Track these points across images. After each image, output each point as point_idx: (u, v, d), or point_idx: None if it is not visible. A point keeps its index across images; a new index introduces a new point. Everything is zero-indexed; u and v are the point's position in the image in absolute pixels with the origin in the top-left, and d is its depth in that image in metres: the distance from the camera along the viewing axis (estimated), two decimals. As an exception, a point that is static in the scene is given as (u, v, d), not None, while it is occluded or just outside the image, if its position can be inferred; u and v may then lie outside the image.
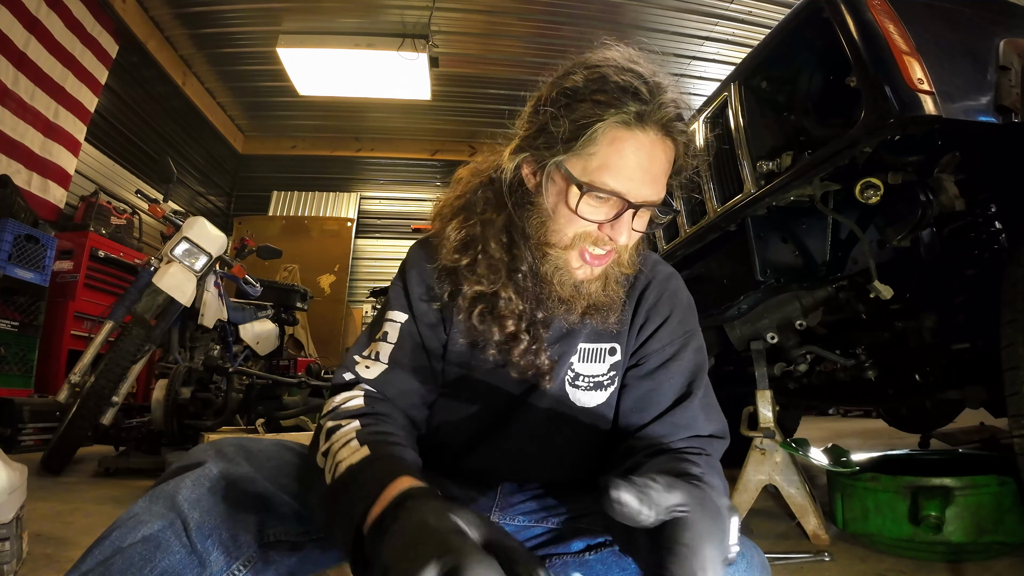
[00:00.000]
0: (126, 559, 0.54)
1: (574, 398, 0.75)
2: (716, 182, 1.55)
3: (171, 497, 0.58)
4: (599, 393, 0.76)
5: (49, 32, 3.76)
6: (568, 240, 0.67)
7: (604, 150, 0.64)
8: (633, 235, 0.67)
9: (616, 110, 0.62)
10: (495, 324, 0.70)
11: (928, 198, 1.15)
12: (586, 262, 0.68)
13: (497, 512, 0.75)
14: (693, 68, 5.48)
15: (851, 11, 1.11)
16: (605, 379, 0.76)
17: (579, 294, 0.69)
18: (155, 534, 0.56)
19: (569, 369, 0.75)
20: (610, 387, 0.76)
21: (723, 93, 1.56)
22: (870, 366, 1.59)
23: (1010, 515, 1.13)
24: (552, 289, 0.69)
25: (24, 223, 3.08)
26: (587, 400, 0.75)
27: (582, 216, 0.65)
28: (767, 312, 1.66)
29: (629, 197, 0.64)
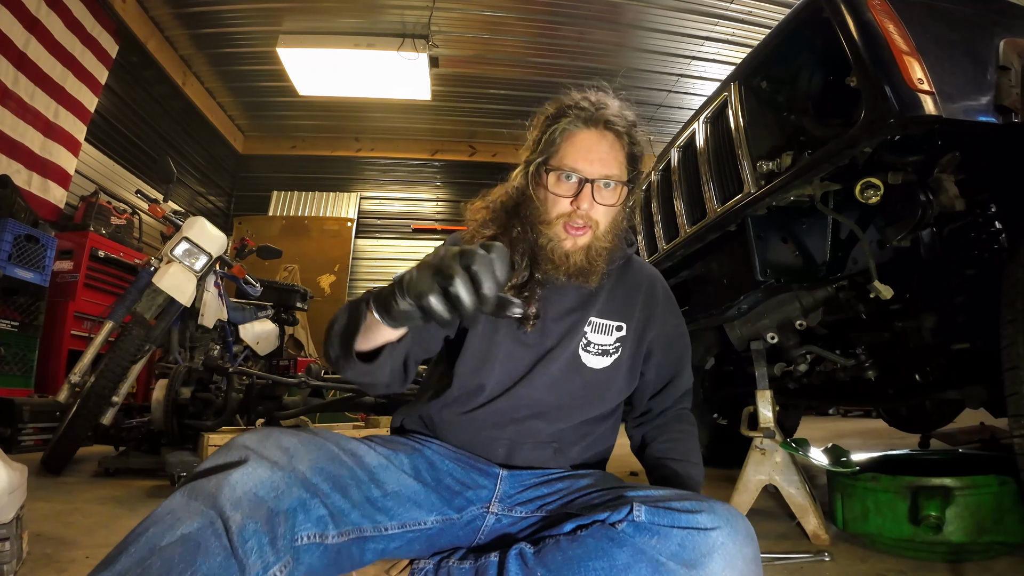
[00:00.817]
0: (165, 560, 0.54)
1: (584, 360, 0.96)
2: (716, 182, 1.55)
3: (212, 496, 0.59)
4: (605, 359, 0.97)
5: (49, 32, 3.76)
6: (552, 217, 0.90)
7: (563, 145, 0.90)
8: (599, 207, 0.89)
9: (568, 119, 0.90)
10: None
11: (928, 198, 1.15)
12: (569, 234, 0.90)
13: (496, 503, 0.87)
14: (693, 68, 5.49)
15: (851, 11, 1.11)
16: (611, 348, 0.97)
17: (567, 261, 0.90)
18: (194, 534, 0.56)
19: (583, 337, 0.96)
20: (614, 355, 0.97)
21: (723, 93, 1.56)
22: (870, 366, 1.59)
23: (1010, 515, 1.13)
24: (546, 255, 0.91)
25: (24, 223, 3.08)
26: (594, 363, 0.96)
27: (555, 193, 0.90)
28: (767, 312, 1.66)
29: (584, 173, 0.89)
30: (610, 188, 0.90)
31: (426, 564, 0.75)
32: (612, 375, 0.97)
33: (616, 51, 5.15)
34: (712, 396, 2.70)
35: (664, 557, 0.65)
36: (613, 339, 0.98)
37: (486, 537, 0.85)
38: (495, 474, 0.90)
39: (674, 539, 0.66)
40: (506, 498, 0.87)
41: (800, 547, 1.31)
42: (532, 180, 0.92)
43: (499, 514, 0.85)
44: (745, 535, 0.67)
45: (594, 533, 0.69)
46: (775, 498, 1.66)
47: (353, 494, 0.71)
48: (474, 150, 6.82)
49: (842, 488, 1.32)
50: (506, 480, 0.89)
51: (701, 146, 1.65)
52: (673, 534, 0.66)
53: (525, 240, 0.93)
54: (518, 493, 0.88)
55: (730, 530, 0.66)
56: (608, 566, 0.66)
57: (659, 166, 2.01)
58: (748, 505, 1.43)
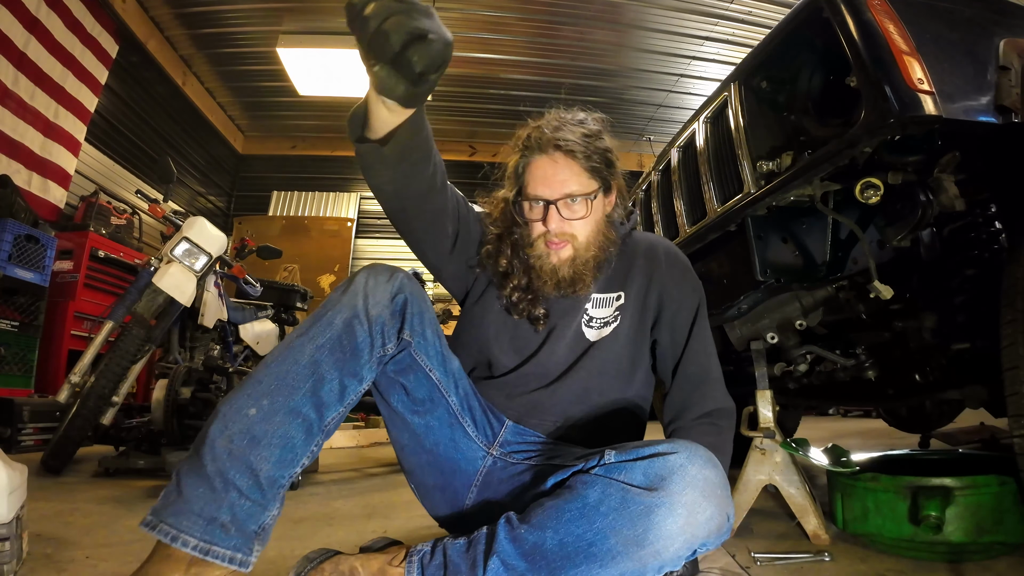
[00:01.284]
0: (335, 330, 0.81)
1: (588, 335, 1.04)
2: (716, 182, 1.55)
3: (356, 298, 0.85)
4: (605, 329, 1.04)
5: (49, 32, 3.76)
6: (534, 239, 1.02)
7: (525, 176, 1.01)
8: (572, 223, 0.99)
9: (524, 151, 1.01)
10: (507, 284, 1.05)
11: (928, 198, 1.15)
12: (551, 248, 1.00)
13: (497, 447, 0.98)
14: (693, 68, 5.49)
15: (851, 11, 1.11)
16: (610, 318, 1.05)
17: (555, 275, 1.01)
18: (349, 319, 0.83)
19: (585, 314, 1.05)
20: (613, 324, 1.05)
21: (723, 93, 1.56)
22: (870, 366, 1.59)
23: (1010, 515, 1.13)
24: (537, 273, 1.02)
25: (24, 223, 3.08)
26: (596, 336, 1.04)
27: (530, 219, 1.01)
28: (767, 312, 1.66)
29: (545, 196, 0.98)
30: (576, 203, 0.98)
31: (423, 547, 0.77)
32: (610, 343, 1.04)
33: (616, 51, 5.15)
34: (712, 396, 2.69)
35: (630, 485, 0.71)
36: (612, 309, 1.06)
37: (482, 479, 0.97)
38: (503, 421, 1.01)
39: (638, 469, 0.72)
40: (507, 444, 0.99)
41: (800, 547, 1.31)
42: (514, 213, 1.04)
43: (497, 457, 0.98)
44: (705, 460, 0.73)
45: (570, 482, 0.76)
46: (775, 498, 1.66)
47: (437, 344, 0.93)
48: (474, 150, 6.82)
49: (842, 488, 1.32)
50: (511, 429, 1.00)
51: (701, 146, 1.65)
52: (638, 465, 0.72)
53: (519, 256, 1.05)
54: (518, 443, 0.99)
55: (688, 454, 0.73)
56: (581, 505, 0.72)
57: (659, 166, 2.01)
58: (748, 505, 1.43)
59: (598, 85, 5.61)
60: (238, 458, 0.70)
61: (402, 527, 1.56)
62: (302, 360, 0.77)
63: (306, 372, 0.77)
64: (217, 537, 0.67)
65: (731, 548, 1.31)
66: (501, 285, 1.06)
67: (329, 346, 0.79)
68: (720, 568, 1.17)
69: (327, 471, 2.70)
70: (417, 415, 0.94)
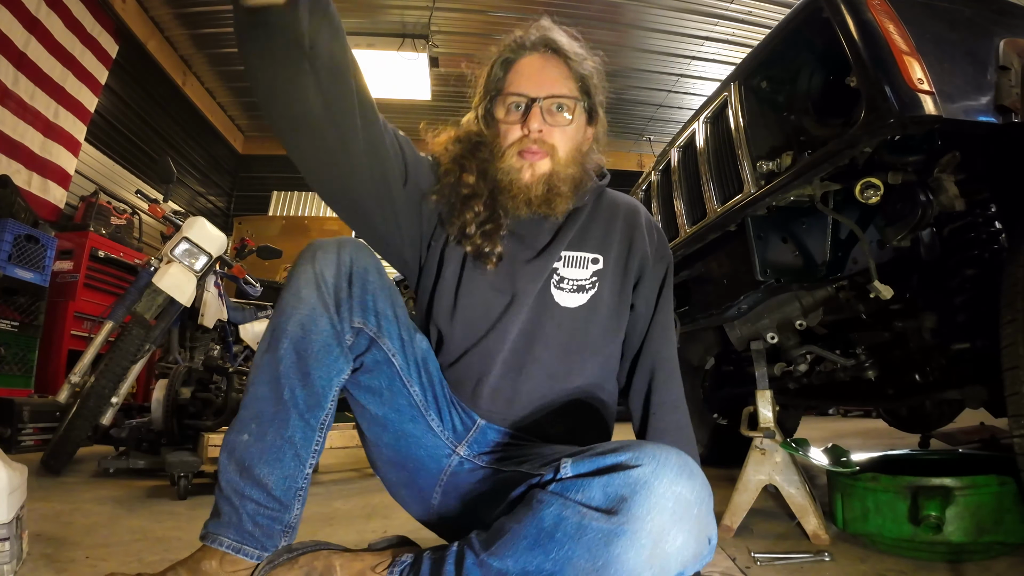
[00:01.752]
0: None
1: (557, 298, 0.90)
2: (716, 182, 1.55)
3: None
4: (580, 296, 0.91)
5: (49, 32, 3.76)
6: (506, 147, 0.89)
7: (508, 75, 0.91)
8: (553, 131, 0.88)
9: (508, 50, 0.92)
10: (466, 209, 0.91)
11: (928, 198, 1.15)
12: (525, 159, 0.88)
13: (465, 447, 0.88)
14: (693, 68, 5.49)
15: (851, 11, 1.11)
16: (587, 283, 0.91)
17: (527, 192, 0.88)
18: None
19: (555, 273, 0.91)
20: (591, 291, 0.91)
21: (723, 93, 1.56)
22: (870, 366, 1.59)
23: (1010, 515, 1.13)
24: (506, 189, 0.89)
25: (24, 223, 3.08)
26: (569, 301, 0.90)
27: (506, 122, 0.89)
28: (767, 312, 1.66)
29: (529, 93, 0.88)
30: (562, 110, 0.89)
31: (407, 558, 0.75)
32: (590, 314, 0.91)
33: (616, 51, 5.15)
34: (712, 396, 2.70)
35: (588, 507, 0.60)
36: (589, 273, 0.92)
37: (447, 479, 0.88)
38: (474, 419, 0.90)
39: (597, 487, 0.61)
40: (476, 443, 0.88)
41: (800, 547, 1.31)
42: (484, 121, 0.93)
43: (464, 458, 0.88)
44: (677, 471, 0.60)
45: (527, 500, 0.66)
46: (775, 498, 1.66)
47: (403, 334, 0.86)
48: (474, 150, 6.81)
49: (842, 488, 1.32)
50: (483, 430, 0.89)
51: (701, 146, 1.65)
52: (595, 482, 0.61)
53: (485, 179, 0.90)
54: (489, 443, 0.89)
55: (655, 465, 0.60)
56: (537, 531, 0.62)
57: (659, 166, 2.01)
58: (748, 505, 1.43)
59: (598, 85, 5.60)
60: (248, 477, 0.77)
61: (402, 527, 1.56)
62: (272, 378, 0.77)
63: (278, 389, 0.77)
64: (247, 540, 0.77)
65: (731, 549, 1.31)
66: (459, 216, 0.90)
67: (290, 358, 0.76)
68: (720, 572, 1.17)
69: (327, 471, 2.70)
70: (377, 405, 0.85)
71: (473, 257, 0.91)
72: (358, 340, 0.81)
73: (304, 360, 0.77)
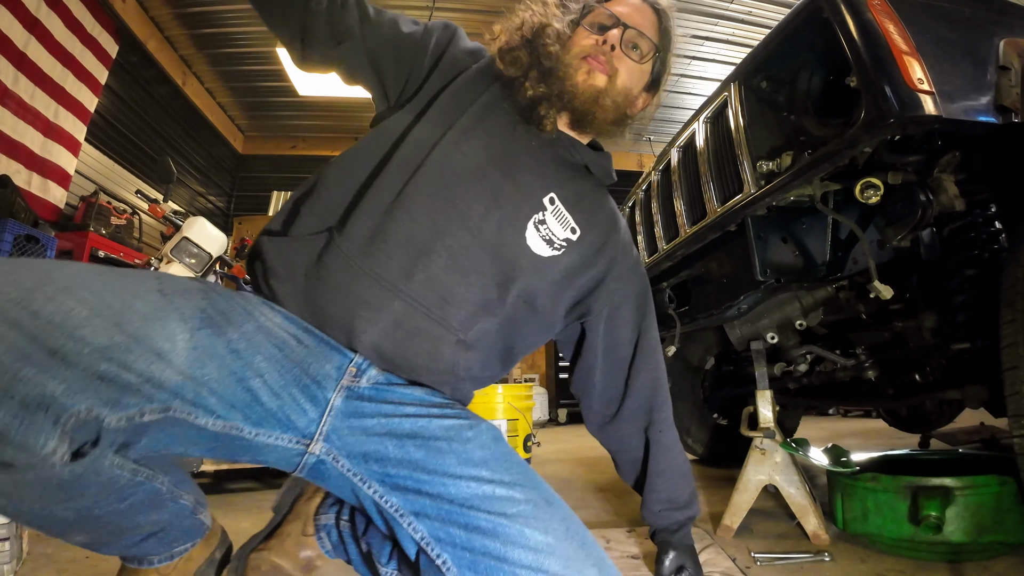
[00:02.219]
0: None
1: (528, 235, 0.84)
2: (716, 182, 1.55)
3: None
4: (547, 248, 0.86)
5: (49, 32, 3.76)
6: (574, 50, 0.86)
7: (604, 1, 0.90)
8: (623, 59, 0.87)
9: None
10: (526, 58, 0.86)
11: (928, 198, 1.15)
12: (587, 64, 0.85)
13: (321, 442, 0.69)
14: (693, 68, 5.48)
15: (851, 11, 1.11)
16: (557, 242, 0.87)
17: (575, 90, 0.84)
18: None
19: (541, 211, 0.85)
20: (556, 252, 0.86)
21: (723, 93, 1.56)
22: (870, 366, 1.59)
23: (1010, 515, 1.13)
24: (558, 78, 0.84)
25: (24, 223, 3.07)
26: (534, 245, 0.84)
27: (584, 27, 0.88)
28: (767, 312, 1.66)
29: (622, 17, 0.88)
30: (638, 50, 0.89)
31: (325, 519, 0.80)
32: (545, 269, 0.85)
33: (616, 51, 5.15)
34: (712, 396, 2.70)
35: None
36: (563, 236, 0.87)
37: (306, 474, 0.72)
38: (336, 374, 0.72)
39: None
40: (335, 436, 0.69)
41: (800, 547, 1.31)
42: (564, 16, 0.89)
43: (322, 457, 0.69)
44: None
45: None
46: (775, 498, 1.66)
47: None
48: (474, 150, 6.81)
49: (842, 488, 1.32)
50: (345, 404, 0.71)
51: (701, 146, 1.65)
52: None
53: (540, 66, 0.85)
54: (353, 436, 0.70)
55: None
56: None
57: (659, 166, 2.01)
58: (748, 505, 1.43)
59: (598, 85, 5.60)
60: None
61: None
62: None
63: None
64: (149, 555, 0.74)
65: (731, 549, 1.31)
66: (515, 62, 0.85)
67: None
68: (721, 572, 1.17)
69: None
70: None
71: (525, 109, 0.85)
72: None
73: None
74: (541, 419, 5.21)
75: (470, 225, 0.79)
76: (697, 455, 2.70)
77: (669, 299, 1.94)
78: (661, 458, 1.07)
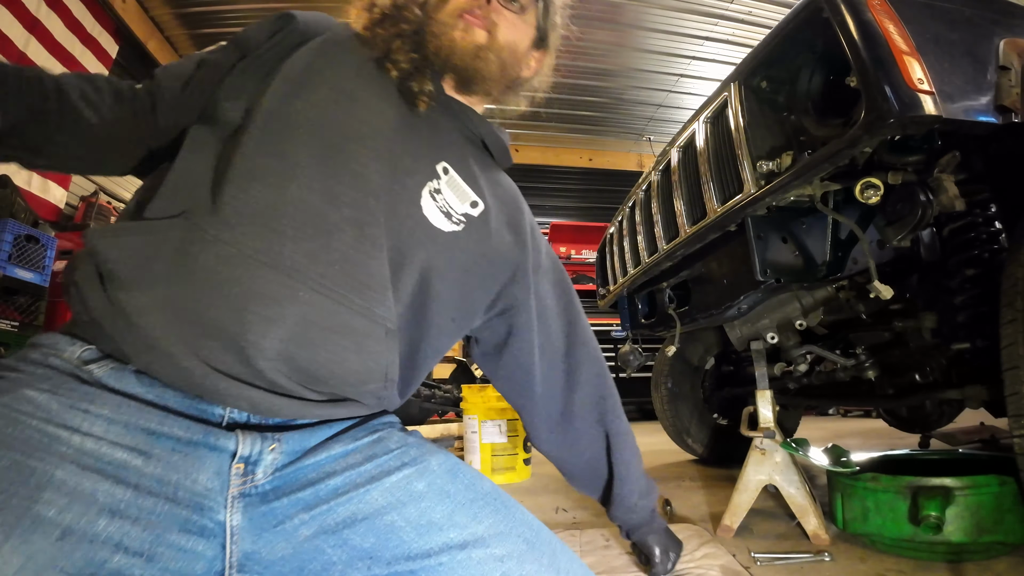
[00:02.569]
0: None
1: (424, 203, 0.71)
2: (716, 182, 1.55)
3: None
4: (446, 221, 0.73)
5: (49, 32, 3.76)
6: (451, 7, 0.76)
7: None
8: (502, 11, 0.79)
9: None
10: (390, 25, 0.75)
11: (928, 198, 1.15)
12: (463, 20, 0.76)
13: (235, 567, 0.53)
14: (693, 68, 5.49)
15: (851, 11, 1.11)
16: (456, 215, 0.75)
17: (452, 47, 0.75)
18: None
19: (434, 179, 0.73)
20: (456, 227, 0.74)
21: (723, 93, 1.56)
22: (870, 366, 1.60)
23: (1010, 515, 1.13)
24: (432, 36, 0.75)
25: (24, 223, 3.08)
26: (432, 216, 0.72)
27: None
28: (767, 312, 1.66)
29: None
30: (517, 2, 0.81)
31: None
32: (448, 246, 0.73)
33: (616, 51, 5.15)
34: (712, 396, 2.70)
35: None
36: (464, 209, 0.76)
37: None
38: (219, 483, 0.53)
39: None
40: (252, 563, 0.53)
41: (800, 547, 1.31)
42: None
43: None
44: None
45: None
46: (775, 498, 1.66)
47: None
48: (474, 150, 6.81)
49: (842, 488, 1.32)
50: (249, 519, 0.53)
51: (701, 146, 1.65)
52: None
53: (406, 32, 0.75)
54: (277, 552, 0.54)
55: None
56: None
57: (659, 166, 2.01)
58: (748, 505, 1.43)
59: (598, 85, 5.60)
60: None
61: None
62: None
63: None
64: None
65: (731, 549, 1.31)
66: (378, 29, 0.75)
67: None
68: (720, 566, 1.17)
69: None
70: None
71: (400, 89, 0.74)
72: None
73: None
74: (541, 419, 5.21)
75: (369, 189, 0.65)
76: (697, 455, 2.70)
77: (669, 299, 1.95)
78: (624, 447, 1.00)
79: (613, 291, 2.34)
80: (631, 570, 1.18)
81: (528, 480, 2.44)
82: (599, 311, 2.92)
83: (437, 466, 0.61)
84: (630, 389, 5.68)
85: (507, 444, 2.40)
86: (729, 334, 1.78)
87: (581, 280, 5.98)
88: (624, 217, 2.21)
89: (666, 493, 2.00)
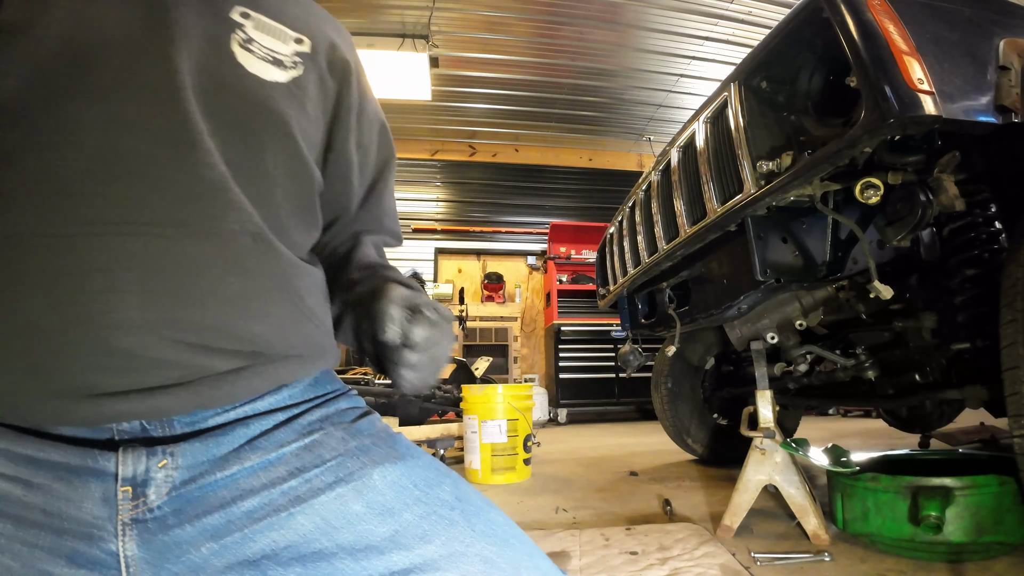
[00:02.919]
0: None
1: (244, 61, 0.54)
2: (716, 182, 1.55)
3: None
4: (279, 71, 0.57)
5: None
6: None
7: None
8: None
9: None
10: None
11: (928, 198, 1.15)
12: None
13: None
14: (693, 68, 5.49)
15: (851, 11, 1.11)
16: (287, 60, 0.58)
17: None
18: None
19: (238, 30, 0.55)
20: (293, 71, 0.58)
21: (723, 93, 1.56)
22: (870, 366, 1.60)
23: (1010, 515, 1.13)
24: None
25: (24, 223, 3.07)
26: (263, 71, 0.55)
27: None
28: (767, 312, 1.66)
29: None
30: None
31: None
32: (296, 97, 0.58)
33: (616, 51, 5.15)
34: (712, 396, 2.70)
35: None
36: (291, 51, 0.59)
37: None
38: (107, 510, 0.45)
39: None
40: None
41: (800, 547, 1.31)
42: None
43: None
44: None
45: None
46: (775, 498, 1.66)
47: None
48: (474, 150, 6.81)
49: (842, 488, 1.32)
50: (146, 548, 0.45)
51: (701, 146, 1.65)
52: None
53: None
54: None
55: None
56: None
57: (659, 166, 2.01)
58: (748, 505, 1.43)
59: (598, 85, 5.60)
60: None
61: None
62: None
63: None
64: None
65: (731, 548, 1.31)
66: None
67: None
68: (720, 565, 1.17)
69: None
70: None
71: None
72: None
73: None
74: (541, 419, 5.21)
75: (173, 83, 0.48)
76: (697, 455, 2.70)
77: (669, 299, 1.95)
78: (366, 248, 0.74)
79: (613, 291, 2.34)
80: (631, 570, 1.18)
81: (528, 480, 2.44)
82: (599, 311, 2.92)
83: (380, 480, 0.51)
84: (630, 389, 5.69)
85: (507, 444, 2.40)
86: (729, 334, 1.78)
87: (581, 280, 5.98)
88: (624, 217, 2.21)
89: (666, 493, 2.00)
